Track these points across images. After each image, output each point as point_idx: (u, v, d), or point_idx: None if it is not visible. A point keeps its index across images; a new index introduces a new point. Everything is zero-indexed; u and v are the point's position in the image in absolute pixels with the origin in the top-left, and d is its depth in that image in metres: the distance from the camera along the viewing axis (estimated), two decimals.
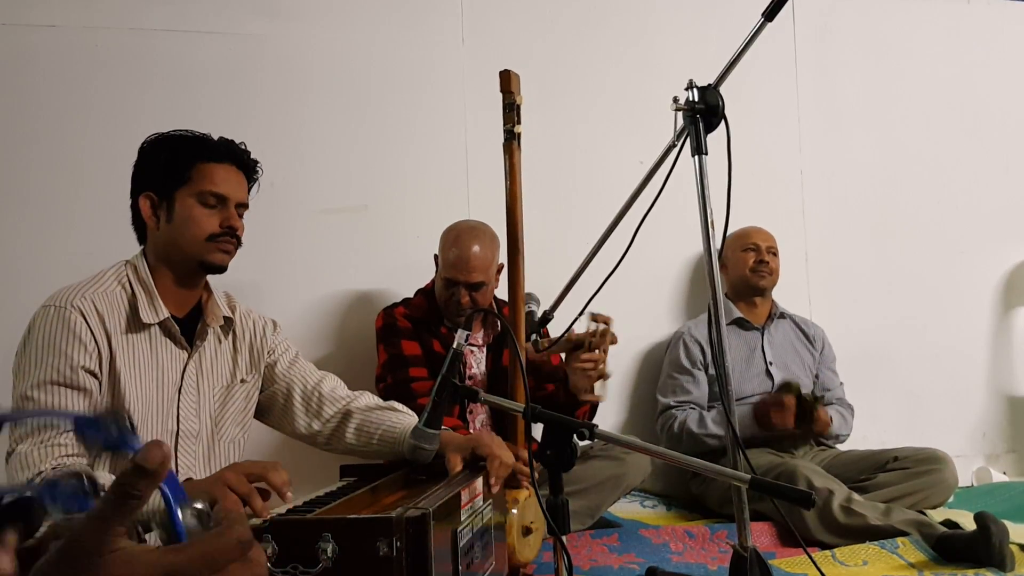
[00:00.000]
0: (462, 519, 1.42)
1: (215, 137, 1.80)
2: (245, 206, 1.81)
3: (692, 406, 3.01)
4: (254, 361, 1.90)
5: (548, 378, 2.67)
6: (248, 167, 1.83)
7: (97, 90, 2.82)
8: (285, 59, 3.00)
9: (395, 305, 2.72)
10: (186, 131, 1.79)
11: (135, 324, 1.70)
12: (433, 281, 2.74)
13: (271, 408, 1.95)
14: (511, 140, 2.01)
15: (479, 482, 1.60)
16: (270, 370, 1.93)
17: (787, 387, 2.89)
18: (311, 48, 3.02)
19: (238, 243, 1.79)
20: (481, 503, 1.59)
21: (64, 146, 2.76)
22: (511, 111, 1.99)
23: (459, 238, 2.59)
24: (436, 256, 2.70)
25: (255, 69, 2.96)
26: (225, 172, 1.76)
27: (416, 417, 1.92)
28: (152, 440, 0.53)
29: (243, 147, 1.83)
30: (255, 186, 1.86)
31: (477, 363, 2.71)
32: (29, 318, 1.68)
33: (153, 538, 0.64)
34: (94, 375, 1.63)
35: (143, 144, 1.79)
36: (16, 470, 1.52)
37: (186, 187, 1.73)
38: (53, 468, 1.50)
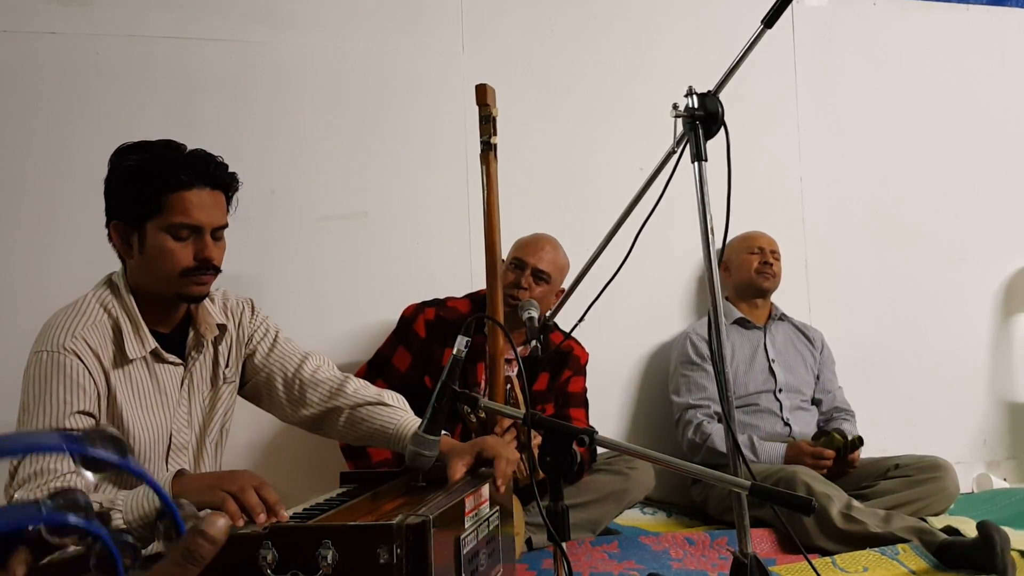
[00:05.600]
0: (466, 526, 1.42)
1: (187, 149, 1.66)
2: (224, 227, 1.69)
3: (713, 411, 2.99)
4: (236, 357, 1.84)
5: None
6: (224, 184, 1.68)
7: (97, 97, 2.82)
8: (285, 66, 3.00)
9: (429, 304, 2.65)
10: (156, 147, 1.65)
11: (125, 355, 1.64)
12: None
13: (258, 397, 1.91)
14: (487, 151, 2.11)
15: (485, 489, 1.59)
16: (250, 361, 1.87)
17: (830, 441, 2.85)
18: (311, 55, 3.03)
19: (216, 271, 1.68)
20: (488, 510, 1.58)
21: (64, 153, 2.76)
22: (487, 123, 2.09)
23: (535, 234, 2.73)
24: (503, 260, 2.70)
25: (255, 76, 2.97)
26: (198, 198, 1.62)
27: (407, 408, 1.91)
28: (214, 512, 0.55)
29: (219, 160, 1.67)
30: (234, 201, 1.73)
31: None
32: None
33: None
34: (92, 416, 1.58)
35: (112, 158, 1.66)
36: None
37: (156, 219, 1.61)
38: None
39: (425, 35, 3.15)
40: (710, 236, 1.84)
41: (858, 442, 2.85)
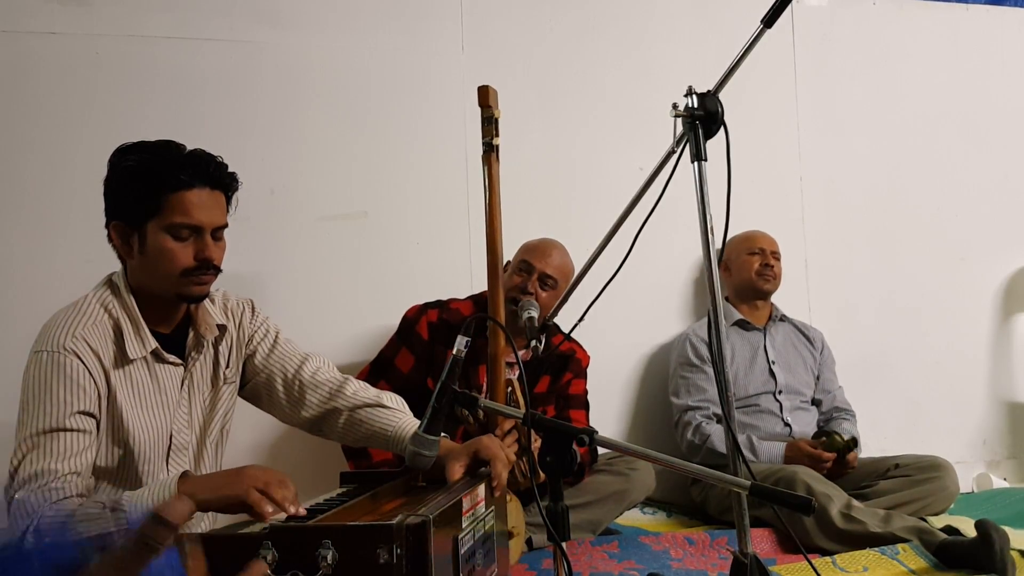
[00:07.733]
0: (463, 526, 1.42)
1: (187, 149, 1.66)
2: (224, 226, 1.70)
3: (712, 413, 2.99)
4: (236, 357, 1.85)
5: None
6: (224, 184, 1.68)
7: (97, 97, 2.82)
8: (285, 66, 3.00)
9: (432, 305, 2.63)
10: (156, 147, 1.65)
11: (126, 355, 1.65)
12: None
13: (258, 398, 1.92)
14: (489, 152, 2.12)
15: (481, 489, 1.60)
16: (250, 361, 1.87)
17: (831, 444, 2.84)
18: (311, 55, 3.03)
19: (216, 271, 1.69)
20: (483, 510, 1.58)
21: (64, 153, 2.76)
22: (489, 124, 2.11)
23: (543, 238, 2.72)
24: (508, 262, 2.67)
25: (255, 76, 2.97)
26: (198, 198, 1.62)
27: (405, 410, 1.91)
28: (176, 497, 0.53)
29: (218, 160, 1.67)
30: (234, 201, 1.73)
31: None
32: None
33: None
34: (92, 416, 1.59)
35: (111, 159, 1.67)
36: (16, 517, 1.48)
37: (156, 219, 1.61)
38: (49, 507, 1.47)
39: (425, 35, 3.15)
40: (710, 236, 1.84)
41: (852, 444, 2.84)
